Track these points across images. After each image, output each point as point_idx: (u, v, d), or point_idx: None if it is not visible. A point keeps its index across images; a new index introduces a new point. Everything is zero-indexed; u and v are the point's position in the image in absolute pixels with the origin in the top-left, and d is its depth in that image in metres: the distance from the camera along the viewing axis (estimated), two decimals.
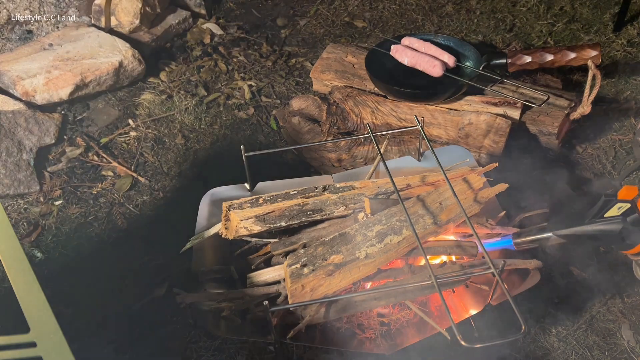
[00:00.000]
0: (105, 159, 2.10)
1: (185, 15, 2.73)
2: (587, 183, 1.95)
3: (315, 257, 1.29)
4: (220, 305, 1.35)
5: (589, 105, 1.80)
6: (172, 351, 1.54)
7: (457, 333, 1.00)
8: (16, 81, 2.18)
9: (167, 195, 1.97)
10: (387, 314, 1.45)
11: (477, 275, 1.31)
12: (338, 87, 2.04)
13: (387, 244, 1.31)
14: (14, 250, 0.98)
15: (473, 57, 2.00)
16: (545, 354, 1.51)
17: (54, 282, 1.70)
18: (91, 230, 1.86)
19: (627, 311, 1.60)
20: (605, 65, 2.41)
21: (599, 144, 2.10)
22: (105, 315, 1.62)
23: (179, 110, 2.29)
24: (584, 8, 2.75)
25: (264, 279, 1.42)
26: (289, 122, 2.04)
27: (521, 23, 2.70)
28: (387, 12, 2.83)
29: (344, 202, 1.42)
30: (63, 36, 2.43)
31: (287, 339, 1.31)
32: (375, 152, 1.90)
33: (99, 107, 2.32)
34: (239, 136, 2.20)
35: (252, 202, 1.42)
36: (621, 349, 1.52)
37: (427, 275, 1.34)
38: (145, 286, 1.69)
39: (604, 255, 1.73)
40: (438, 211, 1.38)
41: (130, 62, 2.36)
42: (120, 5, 2.51)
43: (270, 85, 2.44)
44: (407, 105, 1.93)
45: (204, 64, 2.54)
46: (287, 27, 2.79)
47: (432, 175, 1.49)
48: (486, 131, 1.83)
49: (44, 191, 1.97)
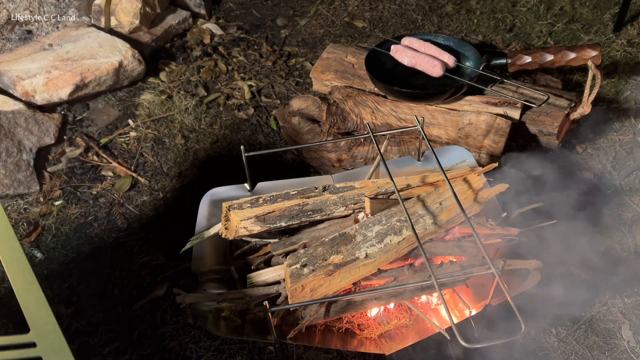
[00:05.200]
0: (105, 159, 2.10)
1: (185, 15, 2.73)
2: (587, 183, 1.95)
3: (315, 257, 1.29)
4: (220, 305, 1.35)
5: (589, 105, 1.80)
6: (172, 351, 1.54)
7: (457, 333, 1.00)
8: (16, 81, 2.18)
9: (167, 195, 1.97)
10: (387, 314, 1.45)
11: (477, 275, 1.31)
12: (338, 87, 2.04)
13: (387, 244, 1.31)
14: (14, 250, 0.98)
15: (473, 57, 2.00)
16: (545, 354, 1.51)
17: (54, 282, 1.70)
18: (91, 230, 1.86)
19: (627, 311, 1.60)
20: (605, 65, 2.41)
21: (599, 144, 2.10)
22: (105, 315, 1.62)
23: (178, 110, 2.29)
24: (584, 8, 2.75)
25: (264, 279, 1.42)
26: (289, 122, 2.04)
27: (521, 23, 2.70)
28: (387, 12, 2.83)
29: (344, 202, 1.42)
30: (63, 36, 2.43)
31: (287, 339, 1.31)
32: (375, 152, 1.90)
33: (99, 107, 2.32)
34: (239, 136, 2.20)
35: (252, 202, 1.42)
36: (621, 349, 1.52)
37: (427, 275, 1.34)
38: (145, 286, 1.69)
39: (604, 255, 1.74)
40: (438, 211, 1.38)
41: (130, 62, 2.36)
42: (120, 5, 2.51)
43: (270, 85, 2.44)
44: (407, 105, 1.93)
45: (204, 64, 2.54)
46: (287, 27, 2.79)
47: (432, 175, 1.49)
48: (486, 131, 1.83)
49: (44, 191, 1.97)
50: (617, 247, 1.76)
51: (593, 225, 1.81)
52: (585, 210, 1.86)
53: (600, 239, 1.78)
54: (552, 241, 1.76)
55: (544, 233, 1.67)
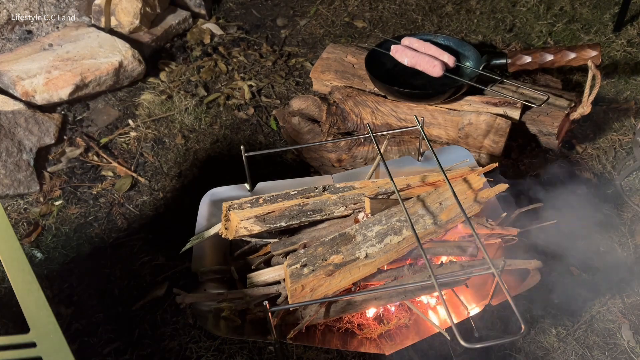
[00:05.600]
0: (105, 159, 2.10)
1: (185, 15, 2.73)
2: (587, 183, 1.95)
3: (315, 257, 1.29)
4: (220, 305, 1.35)
5: (589, 105, 1.80)
6: (172, 351, 1.54)
7: (457, 333, 1.00)
8: (16, 81, 2.18)
9: (167, 195, 1.97)
10: (387, 314, 1.44)
11: (477, 275, 1.31)
12: (338, 87, 2.04)
13: (387, 244, 1.31)
14: (14, 250, 0.98)
15: (473, 57, 2.00)
16: (545, 354, 1.51)
17: (54, 282, 1.70)
18: (91, 230, 1.86)
19: (627, 311, 1.60)
20: (605, 65, 2.41)
21: (599, 144, 2.10)
22: (105, 315, 1.62)
23: (179, 110, 2.29)
24: (584, 8, 2.75)
25: (264, 279, 1.42)
26: (289, 122, 2.04)
27: (521, 23, 2.70)
28: (387, 12, 2.83)
29: (344, 202, 1.42)
30: (63, 36, 2.43)
31: (287, 339, 1.31)
32: (375, 152, 1.90)
33: (99, 107, 2.32)
34: (239, 136, 2.20)
35: (252, 202, 1.42)
36: (621, 349, 1.52)
37: (427, 275, 1.34)
38: (145, 286, 1.69)
39: (604, 255, 1.74)
40: (438, 211, 1.38)
41: (130, 62, 2.36)
42: (120, 6, 2.51)
43: (270, 85, 2.44)
44: (407, 105, 1.93)
45: (204, 64, 2.54)
46: (287, 27, 2.79)
47: (432, 175, 1.49)
48: (486, 131, 1.83)
49: (44, 191, 1.97)
50: (617, 247, 1.76)
51: (593, 225, 1.81)
52: (585, 210, 1.86)
53: (600, 239, 1.78)
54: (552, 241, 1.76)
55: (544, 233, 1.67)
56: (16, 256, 0.97)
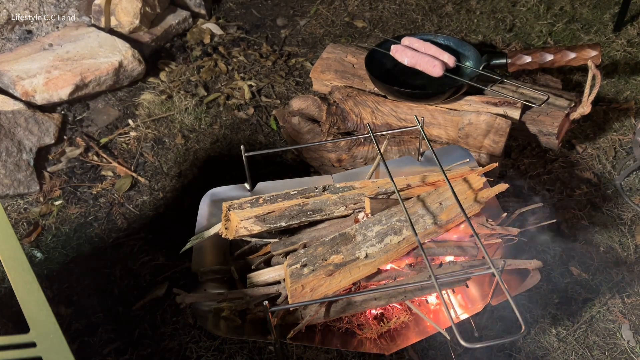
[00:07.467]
0: (105, 159, 2.10)
1: (185, 15, 2.73)
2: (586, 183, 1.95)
3: (315, 257, 1.29)
4: (220, 305, 1.35)
5: (589, 105, 1.80)
6: (172, 351, 1.54)
7: (457, 333, 1.00)
8: (16, 81, 2.18)
9: (167, 195, 1.97)
10: (388, 314, 1.44)
11: (477, 275, 1.31)
12: (338, 87, 2.04)
13: (387, 244, 1.31)
14: (14, 250, 0.98)
15: (473, 57, 2.00)
16: (545, 354, 1.51)
17: (54, 282, 1.70)
18: (91, 230, 1.86)
19: (627, 311, 1.60)
20: (605, 65, 2.41)
21: (599, 144, 2.10)
22: (105, 315, 1.62)
23: (178, 110, 2.29)
24: (584, 8, 2.75)
25: (264, 279, 1.42)
26: (289, 122, 2.04)
27: (521, 23, 2.70)
28: (387, 12, 2.83)
29: (344, 202, 1.42)
30: (63, 36, 2.43)
31: (287, 339, 1.31)
32: (375, 152, 1.90)
33: (99, 107, 2.32)
34: (239, 136, 2.20)
35: (252, 202, 1.42)
36: (621, 349, 1.52)
37: (427, 275, 1.34)
38: (145, 286, 1.69)
39: (604, 255, 1.74)
40: (438, 211, 1.38)
41: (130, 62, 2.36)
42: (120, 5, 2.51)
43: (270, 85, 2.44)
44: (407, 105, 1.93)
45: (204, 64, 2.54)
46: (287, 27, 2.79)
47: (432, 175, 1.49)
48: (486, 131, 1.83)
49: (44, 191, 1.97)
50: (617, 247, 1.76)
51: (593, 225, 1.82)
52: (585, 210, 1.86)
53: (600, 239, 1.78)
54: (552, 241, 1.76)
55: (544, 233, 1.67)
56: (16, 256, 0.97)
